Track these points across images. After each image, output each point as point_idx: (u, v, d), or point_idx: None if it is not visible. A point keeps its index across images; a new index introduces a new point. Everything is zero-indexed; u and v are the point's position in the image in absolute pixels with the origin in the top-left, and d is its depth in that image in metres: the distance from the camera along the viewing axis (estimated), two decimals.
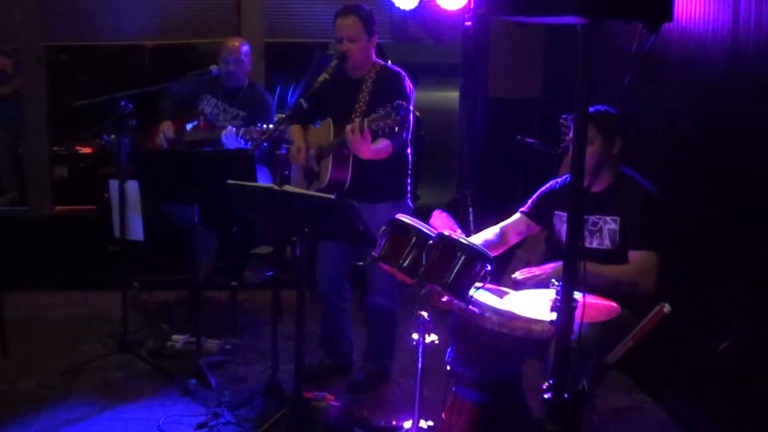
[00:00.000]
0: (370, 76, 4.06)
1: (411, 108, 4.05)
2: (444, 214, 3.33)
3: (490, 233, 3.64)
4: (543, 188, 3.64)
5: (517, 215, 3.68)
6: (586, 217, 3.31)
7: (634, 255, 3.30)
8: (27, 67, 5.89)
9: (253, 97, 5.13)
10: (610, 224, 3.34)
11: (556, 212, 3.55)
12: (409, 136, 4.12)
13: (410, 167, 4.23)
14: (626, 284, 3.21)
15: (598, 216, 3.36)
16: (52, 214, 6.02)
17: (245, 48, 5.12)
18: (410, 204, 4.24)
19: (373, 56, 4.14)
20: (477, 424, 3.18)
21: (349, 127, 3.74)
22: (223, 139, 4.80)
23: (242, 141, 4.75)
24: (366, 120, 3.68)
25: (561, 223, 3.51)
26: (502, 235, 3.65)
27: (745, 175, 3.55)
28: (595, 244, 3.36)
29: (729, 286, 3.59)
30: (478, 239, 3.58)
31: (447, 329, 3.29)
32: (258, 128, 4.73)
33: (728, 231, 3.66)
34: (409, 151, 4.18)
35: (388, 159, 3.96)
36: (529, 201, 3.67)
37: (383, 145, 3.86)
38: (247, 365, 4.52)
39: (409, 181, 4.24)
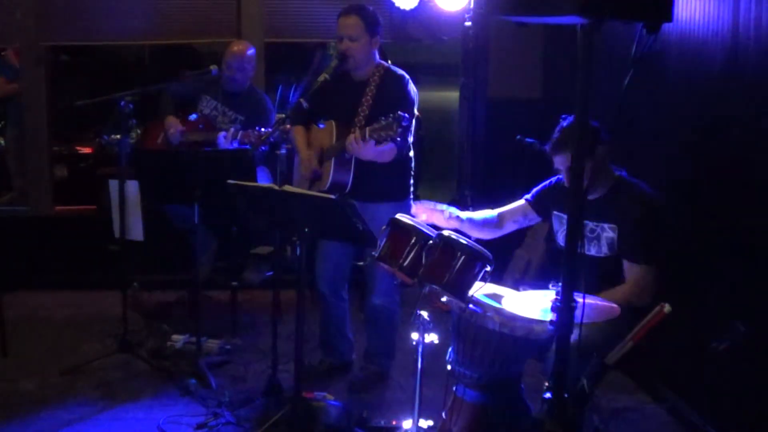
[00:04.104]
0: (374, 78, 4.06)
1: (415, 112, 4.05)
2: (421, 203, 3.35)
3: (488, 213, 3.64)
4: (548, 181, 3.63)
5: (519, 201, 3.66)
6: (583, 222, 3.29)
7: (630, 269, 3.25)
8: (27, 67, 5.88)
9: (253, 100, 5.12)
10: (608, 232, 3.31)
11: (554, 212, 3.54)
12: (412, 139, 4.12)
13: (412, 168, 4.23)
14: (624, 303, 3.16)
15: (595, 223, 3.33)
16: (52, 214, 6.02)
17: (250, 53, 5.09)
18: (412, 205, 4.23)
19: (377, 57, 4.13)
20: (477, 424, 3.18)
21: (351, 137, 3.74)
22: (219, 141, 4.81)
23: (236, 144, 4.75)
24: (368, 129, 3.69)
25: (559, 225, 3.50)
26: (500, 218, 3.65)
27: (745, 175, 3.55)
28: (593, 252, 3.33)
29: (729, 286, 3.59)
30: (478, 215, 3.58)
31: (447, 329, 3.29)
32: (257, 131, 4.73)
33: (728, 231, 3.66)
34: (411, 152, 4.18)
35: (390, 160, 3.96)
36: (534, 190, 3.65)
37: (388, 147, 3.85)
38: (247, 365, 4.52)
39: (411, 182, 4.24)
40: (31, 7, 5.69)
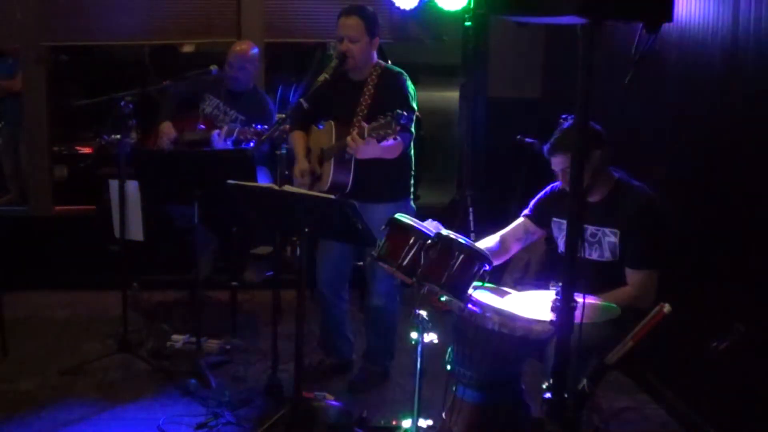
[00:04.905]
0: (372, 78, 4.06)
1: (415, 107, 4.05)
2: (430, 222, 3.33)
3: (491, 241, 3.61)
4: (542, 192, 3.62)
5: (519, 220, 3.64)
6: (584, 226, 3.28)
7: (632, 276, 3.25)
8: (27, 67, 5.88)
9: (255, 101, 5.11)
10: (610, 237, 3.29)
11: (554, 219, 3.53)
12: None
13: (413, 168, 4.23)
14: (626, 306, 3.12)
15: (596, 227, 3.31)
16: (52, 214, 6.02)
17: (252, 53, 5.07)
18: (412, 205, 4.24)
19: (375, 58, 4.14)
20: (477, 424, 3.18)
21: (349, 139, 3.74)
22: (213, 139, 4.81)
23: (229, 143, 4.75)
24: (366, 128, 3.69)
25: (559, 231, 3.49)
26: (502, 242, 3.61)
27: (745, 175, 3.55)
28: (595, 256, 3.32)
29: (729, 286, 3.59)
30: (481, 245, 3.55)
31: (447, 329, 3.29)
32: (254, 128, 4.72)
33: (728, 231, 3.66)
34: (411, 151, 4.18)
35: (390, 159, 3.96)
36: (531, 204, 3.64)
37: (392, 143, 3.84)
38: (247, 365, 4.52)
39: (411, 182, 4.23)
40: (31, 7, 5.68)
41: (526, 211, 3.64)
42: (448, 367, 3.27)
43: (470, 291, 2.99)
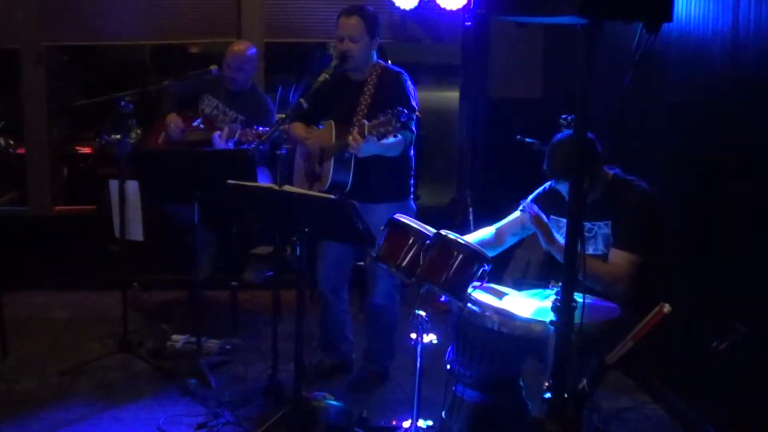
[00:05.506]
0: (372, 78, 4.06)
1: (415, 106, 4.05)
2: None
3: (485, 232, 3.62)
4: (541, 188, 3.62)
5: (515, 214, 3.65)
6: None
7: (615, 255, 3.24)
8: (27, 67, 5.88)
9: (253, 101, 5.11)
10: (604, 229, 3.30)
11: (551, 216, 3.52)
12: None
13: (413, 168, 4.23)
14: (601, 282, 3.12)
15: (592, 222, 3.33)
16: (52, 214, 6.02)
17: (250, 53, 5.07)
18: (413, 205, 4.23)
19: (375, 58, 4.14)
20: (477, 424, 3.18)
21: (350, 138, 3.74)
22: (214, 140, 4.81)
23: (231, 145, 4.75)
24: (367, 126, 3.69)
25: (557, 229, 3.49)
26: (498, 235, 3.62)
27: (745, 175, 3.55)
28: (590, 251, 3.30)
29: (729, 286, 3.59)
30: (473, 237, 3.56)
31: (446, 329, 3.29)
32: (255, 130, 4.72)
33: (728, 230, 3.65)
34: (411, 151, 4.18)
35: (390, 159, 3.96)
36: (529, 199, 3.64)
37: (394, 140, 3.83)
38: (247, 365, 4.53)
39: (412, 182, 4.23)
40: (31, 7, 5.69)
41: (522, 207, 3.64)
42: (448, 367, 3.27)
43: (469, 291, 3.00)
